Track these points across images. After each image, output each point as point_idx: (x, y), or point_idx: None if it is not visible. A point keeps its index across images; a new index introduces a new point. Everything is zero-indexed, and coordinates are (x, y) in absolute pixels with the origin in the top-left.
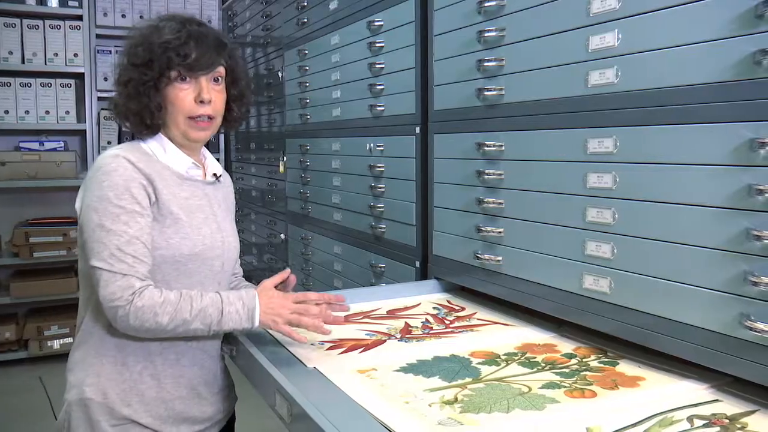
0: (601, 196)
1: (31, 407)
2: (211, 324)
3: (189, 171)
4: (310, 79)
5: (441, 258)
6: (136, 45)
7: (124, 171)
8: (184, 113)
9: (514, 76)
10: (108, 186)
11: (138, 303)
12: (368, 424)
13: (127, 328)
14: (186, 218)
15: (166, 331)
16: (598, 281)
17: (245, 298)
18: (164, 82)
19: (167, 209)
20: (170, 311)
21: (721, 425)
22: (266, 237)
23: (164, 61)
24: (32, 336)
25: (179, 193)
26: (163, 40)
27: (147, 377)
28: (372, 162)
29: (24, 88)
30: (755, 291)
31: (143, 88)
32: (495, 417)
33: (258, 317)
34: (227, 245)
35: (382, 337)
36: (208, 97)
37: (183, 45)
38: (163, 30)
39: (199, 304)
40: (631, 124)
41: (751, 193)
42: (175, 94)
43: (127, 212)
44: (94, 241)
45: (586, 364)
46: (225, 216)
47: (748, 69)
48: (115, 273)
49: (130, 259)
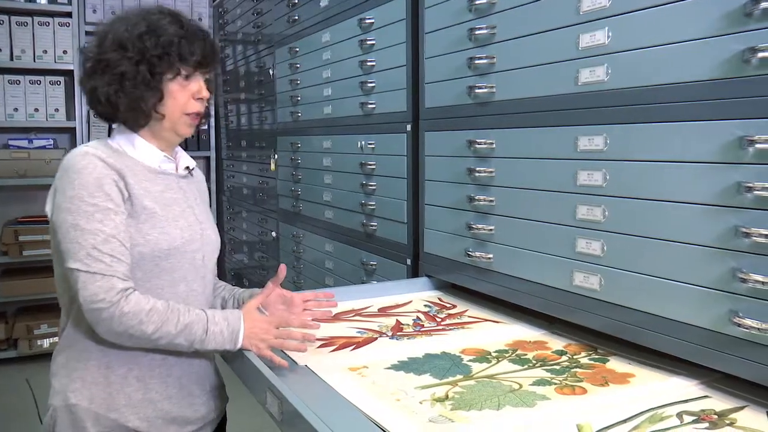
0: (592, 194)
1: (16, 408)
2: (194, 341)
3: (161, 165)
4: (301, 77)
5: (432, 255)
6: (142, 35)
7: (94, 168)
8: (183, 109)
9: (504, 73)
10: (80, 185)
11: (124, 308)
12: (359, 421)
13: (109, 332)
14: (162, 212)
15: (150, 340)
16: (589, 278)
17: (230, 319)
18: (168, 76)
19: (141, 204)
20: (156, 321)
21: (710, 421)
22: (257, 235)
23: (175, 55)
24: (22, 335)
25: (152, 187)
26: (178, 33)
27: (132, 379)
28: (363, 160)
29: (13, 85)
30: (744, 288)
31: (149, 80)
32: (486, 414)
33: (241, 340)
34: (207, 237)
35: (373, 335)
36: (207, 95)
37: (193, 42)
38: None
39: (186, 318)
40: (621, 122)
41: (740, 190)
42: (177, 90)
43: (101, 210)
44: (69, 242)
45: (576, 361)
46: (202, 209)
47: (737, 67)
48: (94, 273)
49: (108, 259)
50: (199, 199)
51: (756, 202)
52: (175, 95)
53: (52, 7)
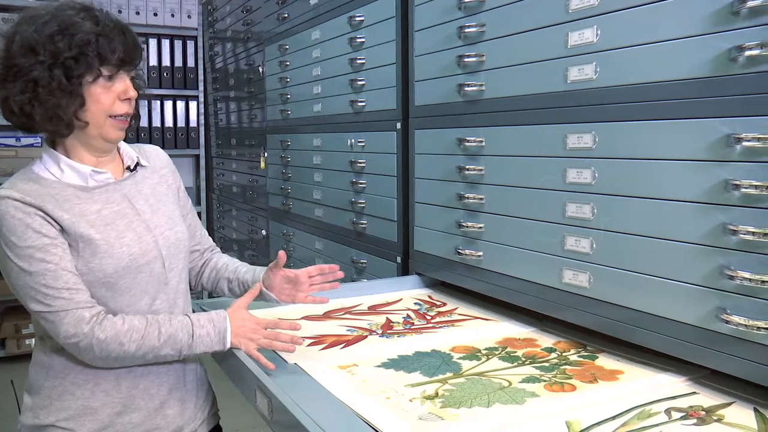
0: (581, 191)
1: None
2: (181, 349)
3: (93, 177)
4: (290, 75)
5: (422, 253)
6: (53, 35)
7: (15, 211)
8: (107, 112)
9: (494, 71)
10: (7, 231)
11: (100, 336)
12: (349, 419)
13: (94, 360)
14: (100, 235)
15: (135, 358)
16: (578, 276)
17: (216, 320)
18: (89, 78)
19: (76, 233)
20: (137, 339)
21: (698, 417)
22: (247, 233)
23: (94, 55)
24: (9, 335)
25: (89, 207)
26: (94, 30)
27: (100, 394)
28: (353, 158)
29: None
30: (731, 285)
31: (66, 86)
32: (475, 411)
33: (229, 339)
34: (163, 241)
35: (363, 333)
36: (134, 94)
37: (112, 39)
38: (81, 21)
39: (168, 329)
40: (610, 120)
41: (728, 188)
42: (99, 92)
43: (38, 249)
44: (22, 287)
45: (565, 358)
46: (157, 209)
47: (725, 65)
48: (58, 312)
49: (66, 293)
50: (152, 198)
51: (743, 199)
52: (99, 98)
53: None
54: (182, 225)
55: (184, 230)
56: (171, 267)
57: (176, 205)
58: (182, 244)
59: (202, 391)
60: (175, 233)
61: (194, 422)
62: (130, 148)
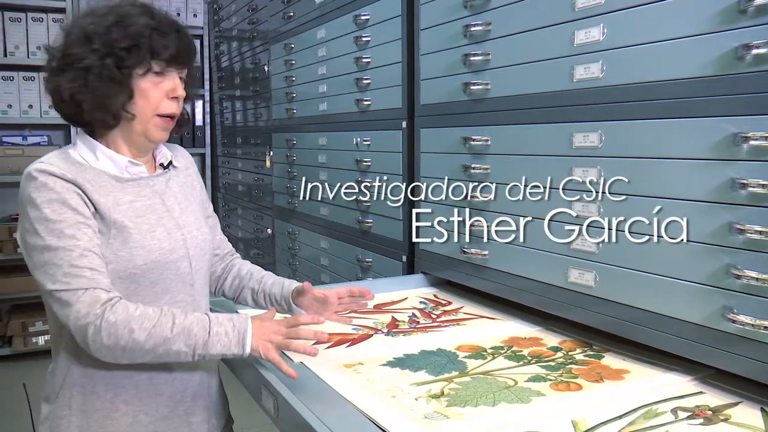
0: (587, 190)
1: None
2: (195, 346)
3: (128, 170)
4: (296, 74)
5: (427, 252)
6: (110, 26)
7: (54, 184)
8: (155, 109)
9: (499, 70)
10: (42, 203)
11: (110, 318)
12: (355, 418)
13: (100, 349)
14: (133, 225)
15: (145, 350)
16: (584, 275)
17: (236, 319)
18: (139, 71)
19: (109, 219)
20: (148, 327)
21: (704, 417)
22: (253, 232)
23: (146, 48)
24: (16, 332)
25: (122, 197)
26: (149, 24)
27: (120, 404)
28: (359, 156)
29: (6, 81)
30: (738, 284)
31: (116, 75)
32: (481, 410)
33: (249, 342)
34: (191, 241)
35: (368, 332)
36: (184, 93)
37: (166, 35)
38: (137, 14)
39: (183, 321)
40: (616, 119)
41: (734, 187)
42: (150, 87)
43: (70, 225)
44: (44, 264)
45: (571, 357)
46: (185, 207)
47: (731, 64)
48: (76, 290)
49: (88, 272)
50: (181, 196)
51: (750, 198)
52: (147, 93)
53: (46, 3)
54: (207, 227)
55: (208, 232)
56: (197, 268)
57: (200, 206)
58: (207, 246)
59: (221, 398)
60: (202, 234)
61: (217, 430)
62: (164, 146)
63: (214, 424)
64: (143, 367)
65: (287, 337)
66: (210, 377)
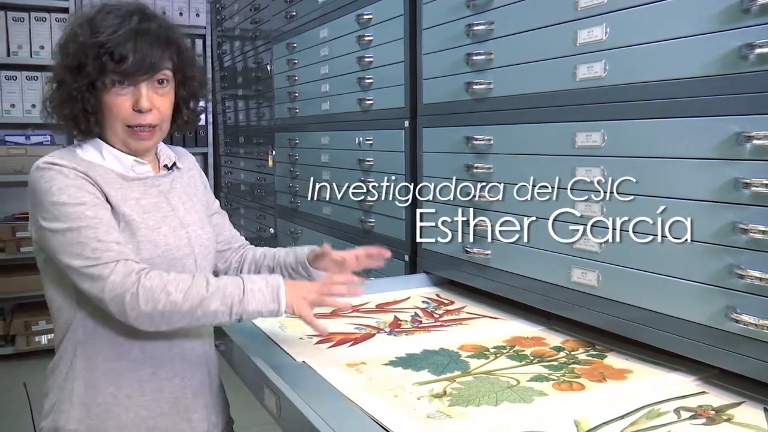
0: (590, 190)
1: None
2: (232, 304)
3: (134, 169)
4: (298, 73)
5: (430, 252)
6: (67, 43)
7: (68, 172)
8: (123, 121)
9: (502, 69)
10: (57, 189)
11: (146, 283)
12: (357, 417)
13: (139, 317)
14: (140, 219)
15: (182, 312)
16: (587, 274)
17: (269, 278)
18: (100, 86)
19: (119, 212)
20: (184, 288)
21: (707, 417)
22: (255, 231)
23: (97, 66)
24: (19, 331)
25: (129, 194)
26: (96, 42)
27: (122, 398)
28: (361, 156)
29: (9, 81)
30: (741, 284)
31: (75, 93)
32: (483, 410)
33: (284, 298)
34: (195, 239)
35: (371, 331)
36: (147, 106)
37: (119, 46)
38: (100, 26)
39: (217, 282)
40: (619, 118)
41: (738, 186)
42: (112, 101)
43: (90, 206)
44: (69, 245)
45: (574, 357)
46: (189, 207)
47: (735, 63)
48: (107, 263)
49: (116, 246)
50: (185, 197)
51: (753, 198)
52: (111, 107)
53: (49, 2)
54: (210, 227)
55: (212, 232)
56: (202, 267)
57: (204, 207)
58: (212, 245)
59: (221, 398)
60: (206, 233)
61: (217, 429)
62: (168, 148)
63: (213, 422)
64: (147, 360)
65: (321, 294)
66: (211, 377)
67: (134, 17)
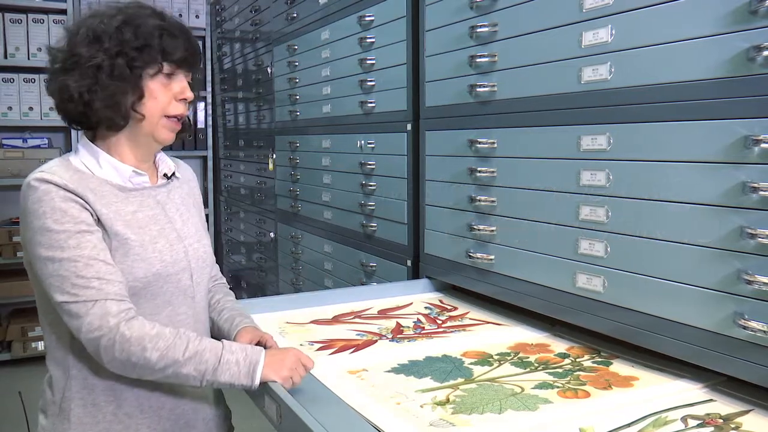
0: (595, 194)
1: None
2: (205, 372)
3: (132, 180)
4: (299, 75)
5: (433, 257)
6: (120, 26)
7: (56, 193)
8: (163, 110)
9: (506, 72)
10: (44, 213)
11: (126, 333)
12: (359, 425)
13: (112, 361)
14: (135, 236)
15: (154, 370)
16: (592, 280)
17: (249, 351)
18: (149, 72)
19: (111, 230)
20: (162, 347)
21: (715, 425)
22: (255, 236)
23: (157, 49)
24: (16, 337)
25: (124, 208)
26: (160, 25)
27: (122, 416)
28: (363, 159)
29: (6, 83)
30: (749, 290)
31: (127, 75)
32: (487, 418)
33: (259, 375)
34: (192, 253)
35: (373, 338)
36: (191, 96)
37: (176, 37)
38: (147, 16)
39: (197, 346)
40: (625, 121)
41: (745, 190)
42: (159, 88)
43: (72, 235)
44: (50, 276)
45: (579, 363)
46: (187, 219)
47: (742, 65)
48: (85, 302)
49: (96, 282)
50: (183, 208)
51: (761, 202)
52: (156, 94)
53: (47, 4)
54: (207, 239)
55: (209, 244)
56: (198, 281)
57: (200, 219)
58: (209, 259)
59: (222, 409)
60: (203, 246)
61: None
62: (169, 158)
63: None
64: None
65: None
66: (211, 389)
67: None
